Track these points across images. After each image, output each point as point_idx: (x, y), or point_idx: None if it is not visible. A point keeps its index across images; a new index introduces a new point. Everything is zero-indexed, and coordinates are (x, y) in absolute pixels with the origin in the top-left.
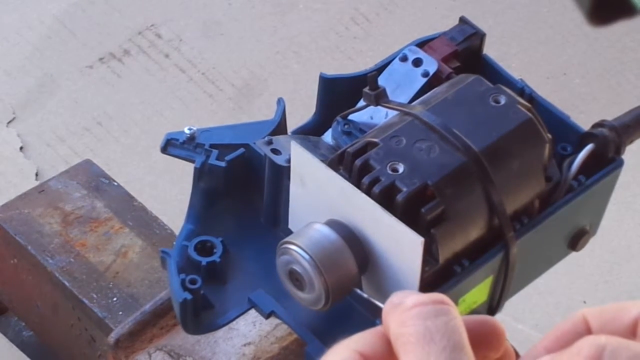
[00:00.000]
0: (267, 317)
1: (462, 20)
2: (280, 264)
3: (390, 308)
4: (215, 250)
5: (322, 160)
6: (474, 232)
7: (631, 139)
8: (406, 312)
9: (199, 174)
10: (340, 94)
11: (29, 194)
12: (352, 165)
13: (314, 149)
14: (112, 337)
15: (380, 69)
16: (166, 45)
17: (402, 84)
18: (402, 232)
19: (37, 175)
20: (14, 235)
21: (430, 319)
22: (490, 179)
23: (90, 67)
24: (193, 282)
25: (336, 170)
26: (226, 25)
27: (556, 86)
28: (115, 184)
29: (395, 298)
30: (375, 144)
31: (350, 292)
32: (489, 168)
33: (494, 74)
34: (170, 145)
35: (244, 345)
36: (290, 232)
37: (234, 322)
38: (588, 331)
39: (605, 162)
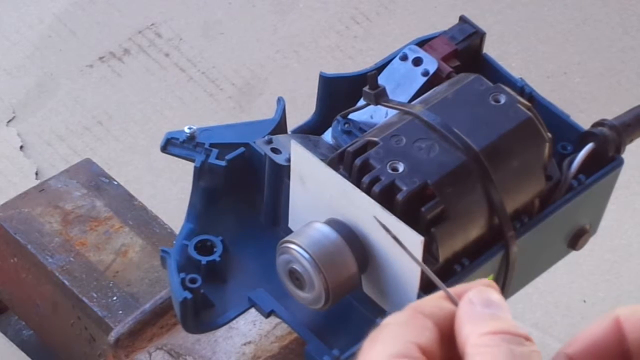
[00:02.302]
0: (267, 316)
1: (462, 20)
2: (280, 263)
3: (470, 316)
4: (215, 250)
5: (322, 160)
6: (474, 231)
7: (631, 138)
8: (491, 335)
9: (199, 173)
10: (340, 93)
11: (28, 193)
12: (352, 164)
13: (314, 148)
14: (112, 336)
15: (380, 68)
16: (166, 45)
17: (402, 83)
18: (402, 231)
19: (37, 174)
20: (13, 234)
21: (514, 344)
22: (491, 178)
23: (90, 66)
24: (193, 281)
25: (336, 169)
26: (226, 25)
27: (556, 85)
28: (115, 183)
29: (476, 299)
30: (375, 143)
31: (351, 291)
32: (489, 167)
33: (494, 73)
34: (170, 145)
35: (244, 344)
36: (290, 231)
37: (234, 321)
38: (621, 338)
39: (605, 161)
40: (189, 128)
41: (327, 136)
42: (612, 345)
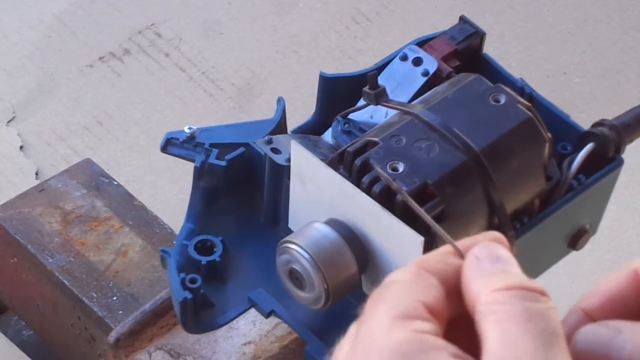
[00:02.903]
0: (267, 316)
1: (462, 20)
2: (281, 263)
3: (478, 273)
4: (215, 250)
5: (322, 160)
6: (474, 231)
7: (631, 138)
8: (503, 291)
9: (199, 173)
10: (340, 93)
11: (28, 193)
12: (352, 164)
13: (314, 148)
14: (112, 336)
15: (380, 68)
16: (166, 45)
17: (402, 83)
18: (402, 232)
19: (37, 174)
20: (13, 234)
21: (529, 301)
22: (491, 178)
23: (90, 67)
24: (193, 281)
25: (336, 169)
26: (226, 25)
27: (556, 85)
28: (115, 183)
29: (482, 254)
30: (375, 143)
31: (350, 291)
32: (489, 167)
33: (494, 73)
34: (170, 145)
35: (244, 344)
36: (290, 231)
37: (234, 321)
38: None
39: (605, 161)
40: (189, 128)
41: (327, 136)
42: (631, 299)
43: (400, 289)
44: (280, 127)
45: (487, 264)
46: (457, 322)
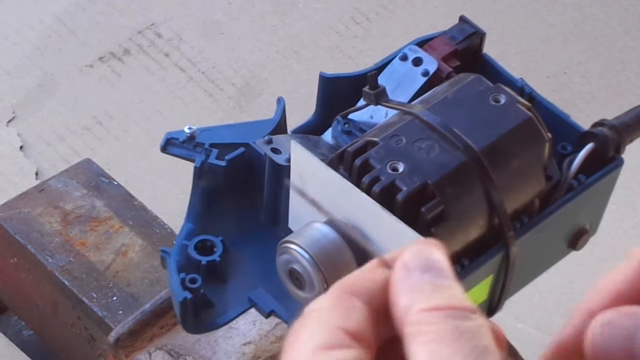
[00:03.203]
0: (267, 316)
1: (462, 20)
2: (280, 263)
3: (406, 287)
4: (215, 250)
5: (322, 160)
6: (474, 231)
7: (631, 138)
8: (432, 311)
9: (199, 173)
10: (340, 93)
11: (28, 193)
12: (352, 164)
13: (314, 148)
14: (112, 336)
15: (380, 68)
16: (166, 45)
17: (402, 83)
18: (402, 232)
19: (37, 174)
20: (13, 234)
21: (460, 319)
22: (491, 178)
23: (90, 67)
24: (193, 281)
25: (336, 169)
26: (226, 25)
27: (556, 85)
28: (115, 183)
29: (412, 262)
30: (375, 143)
31: None
32: (489, 167)
33: (494, 73)
34: (170, 145)
35: (244, 344)
36: (290, 231)
37: (234, 321)
38: None
39: (605, 161)
40: (189, 128)
41: (327, 136)
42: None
43: (319, 317)
44: (280, 127)
45: (416, 275)
46: (395, 343)
